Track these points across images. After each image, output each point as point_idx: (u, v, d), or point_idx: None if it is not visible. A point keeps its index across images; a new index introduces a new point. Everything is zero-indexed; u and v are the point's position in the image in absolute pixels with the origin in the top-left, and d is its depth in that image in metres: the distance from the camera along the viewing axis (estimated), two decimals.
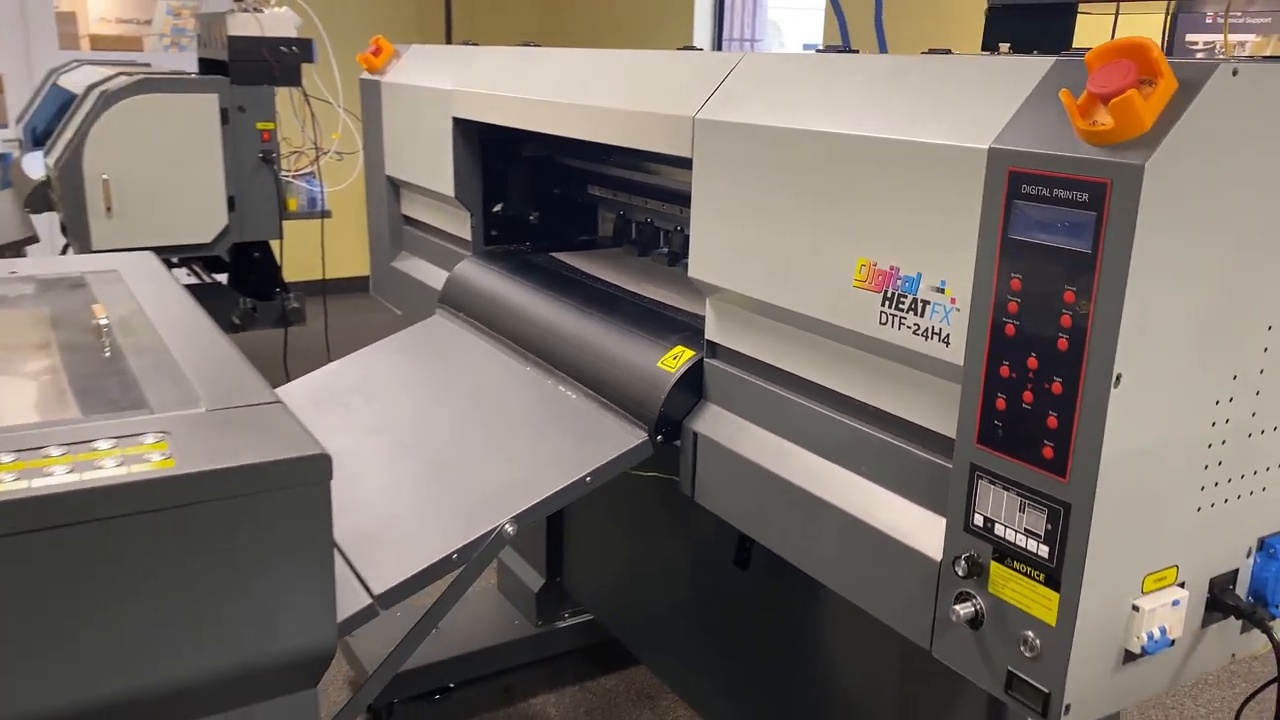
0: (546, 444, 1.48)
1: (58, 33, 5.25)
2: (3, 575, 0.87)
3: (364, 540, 1.36)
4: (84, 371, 1.21)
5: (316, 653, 1.05)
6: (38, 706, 0.91)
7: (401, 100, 2.19)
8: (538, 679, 2.44)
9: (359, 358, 1.90)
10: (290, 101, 3.06)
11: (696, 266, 1.35)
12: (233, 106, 2.82)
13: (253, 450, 0.98)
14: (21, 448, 0.96)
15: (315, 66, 3.01)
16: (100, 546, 0.90)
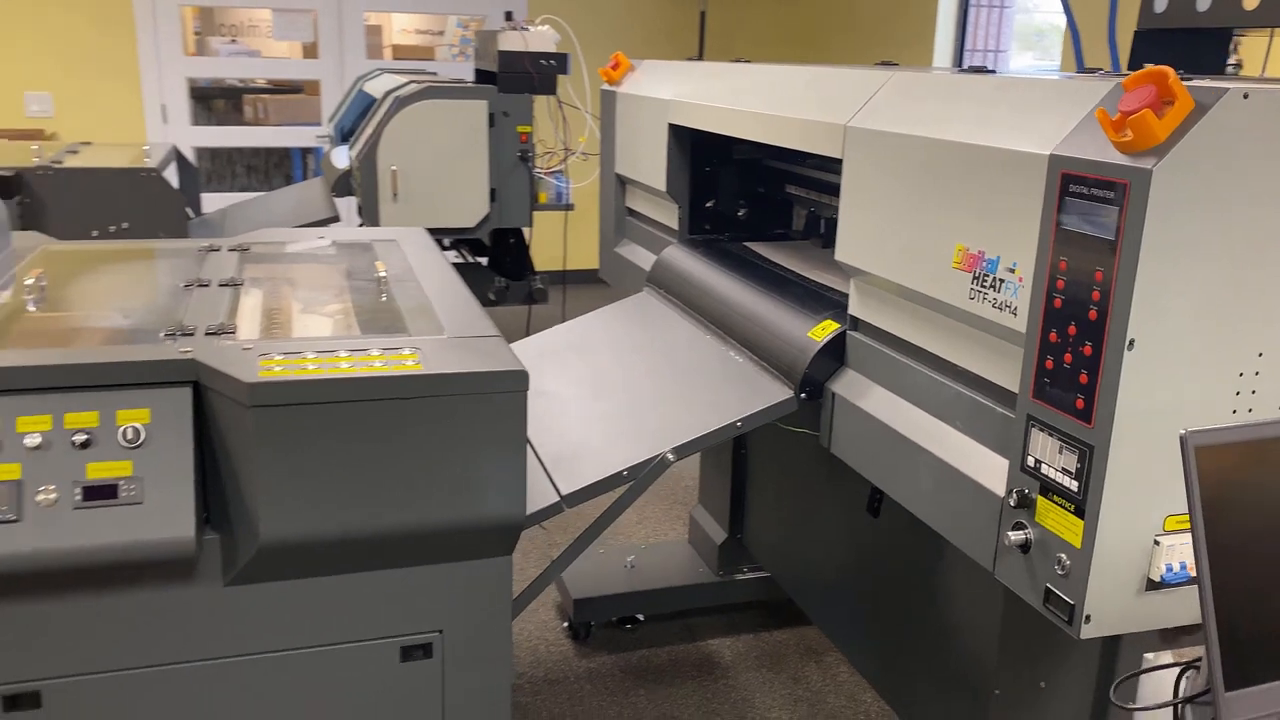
0: (710, 394, 1.78)
1: (365, 44, 6.07)
2: (300, 434, 1.27)
3: (559, 457, 1.71)
4: (366, 307, 1.63)
5: (510, 521, 1.39)
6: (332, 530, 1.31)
7: (631, 108, 2.55)
8: (717, 625, 2.73)
9: (578, 323, 2.27)
10: (546, 107, 3.52)
11: (842, 251, 1.60)
12: (498, 112, 3.29)
13: (473, 363, 1.34)
14: (320, 350, 1.36)
15: (569, 77, 3.44)
16: (368, 419, 1.29)
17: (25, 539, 1.21)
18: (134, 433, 1.26)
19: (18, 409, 1.23)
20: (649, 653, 2.61)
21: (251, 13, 9.21)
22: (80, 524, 1.22)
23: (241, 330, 1.46)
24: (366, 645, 1.43)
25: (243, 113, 7.40)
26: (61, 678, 1.32)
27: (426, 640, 1.46)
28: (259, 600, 1.36)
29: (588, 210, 4.39)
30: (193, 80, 5.92)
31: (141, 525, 1.24)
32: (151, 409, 1.27)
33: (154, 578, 1.31)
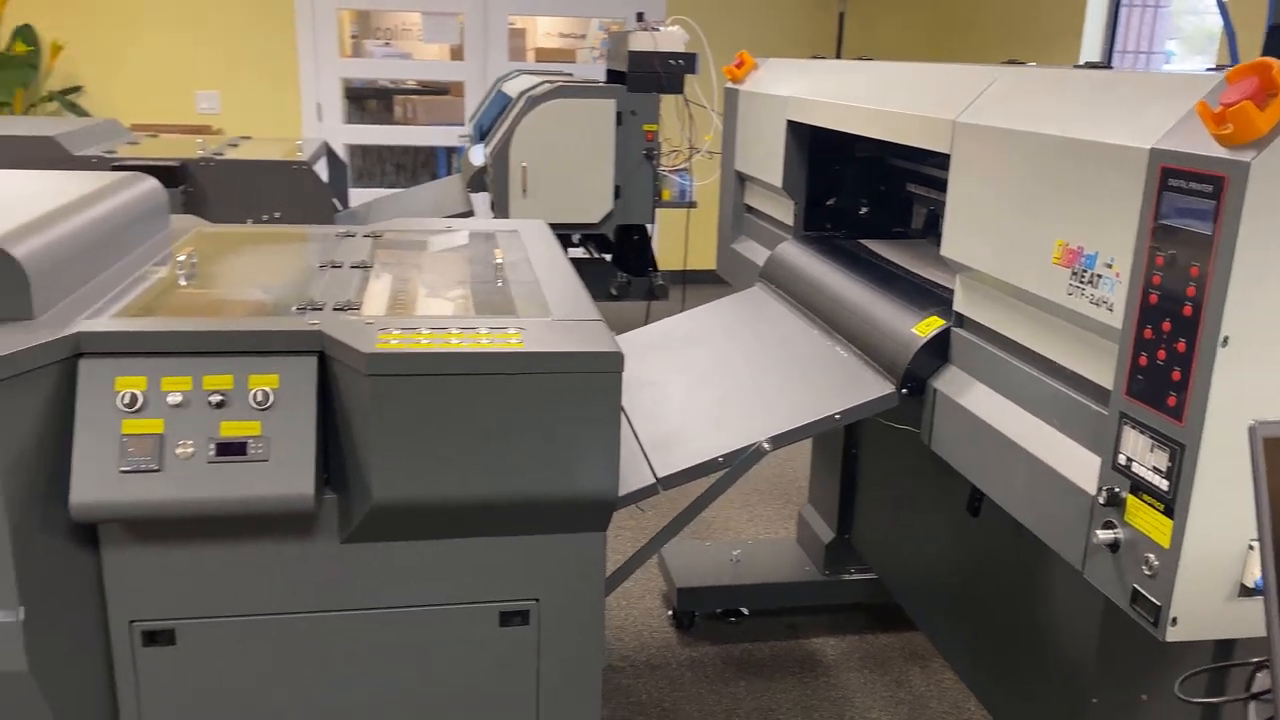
0: (812, 387, 1.79)
1: (509, 47, 6.27)
2: (411, 402, 1.35)
3: (658, 442, 1.76)
4: (482, 291, 1.72)
5: (602, 497, 1.45)
6: (438, 494, 1.39)
7: (751, 106, 2.58)
8: (821, 623, 2.73)
9: (687, 315, 2.32)
10: (674, 106, 3.57)
11: (948, 247, 1.60)
12: (626, 110, 3.37)
13: (572, 343, 1.40)
14: (433, 327, 1.45)
15: (697, 77, 3.49)
16: (473, 391, 1.37)
17: (164, 488, 1.33)
18: (264, 396, 1.37)
19: (163, 370, 1.36)
20: (751, 646, 2.63)
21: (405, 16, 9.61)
22: (212, 477, 1.34)
23: (366, 308, 1.56)
24: (468, 608, 1.51)
25: (393, 112, 7.74)
26: (194, 619, 1.44)
27: (523, 607, 1.53)
28: (372, 558, 1.46)
29: (711, 208, 4.44)
30: (347, 81, 6.24)
31: (267, 481, 1.35)
32: (280, 375, 1.39)
33: (277, 531, 1.42)
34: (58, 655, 1.37)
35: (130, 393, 1.34)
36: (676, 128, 3.57)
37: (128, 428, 1.33)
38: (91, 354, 1.35)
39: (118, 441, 1.33)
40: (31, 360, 1.29)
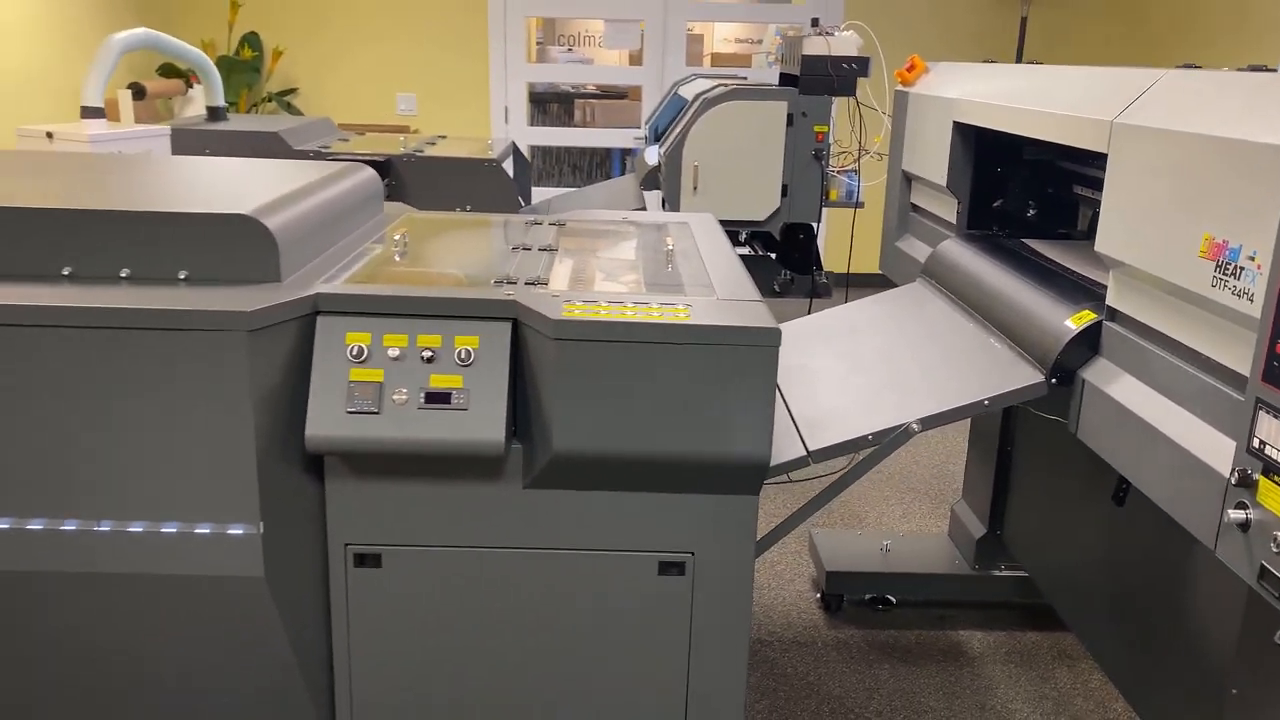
0: (963, 375, 1.88)
1: (686, 52, 6.46)
2: (591, 365, 1.53)
3: (812, 420, 1.89)
4: (653, 273, 1.89)
5: (755, 461, 1.59)
6: (610, 448, 1.57)
7: (920, 108, 2.66)
8: (969, 617, 2.78)
9: (848, 307, 2.43)
10: (845, 109, 3.66)
11: (1102, 243, 1.66)
12: (797, 112, 3.48)
13: (733, 318, 1.55)
14: (611, 301, 1.63)
15: (869, 80, 3.57)
16: (644, 357, 1.53)
17: (382, 428, 1.56)
18: (466, 354, 1.58)
19: (385, 329, 1.59)
20: (897, 633, 2.70)
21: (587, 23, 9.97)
22: (421, 421, 1.56)
23: (553, 283, 1.75)
24: (631, 555, 1.68)
25: (573, 115, 8.08)
26: (397, 545, 1.67)
27: (680, 559, 1.69)
28: (549, 504, 1.65)
29: (877, 210, 4.49)
30: (532, 85, 6.58)
31: (466, 427, 1.56)
32: (480, 337, 1.59)
33: (470, 474, 1.63)
34: (286, 567, 1.62)
35: (358, 346, 1.57)
36: (847, 129, 3.66)
37: (354, 375, 1.57)
38: (327, 312, 1.59)
39: (346, 387, 1.56)
40: (280, 315, 1.53)
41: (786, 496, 3.38)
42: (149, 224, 1.60)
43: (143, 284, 1.58)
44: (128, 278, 1.60)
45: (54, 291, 1.53)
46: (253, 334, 1.49)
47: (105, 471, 1.52)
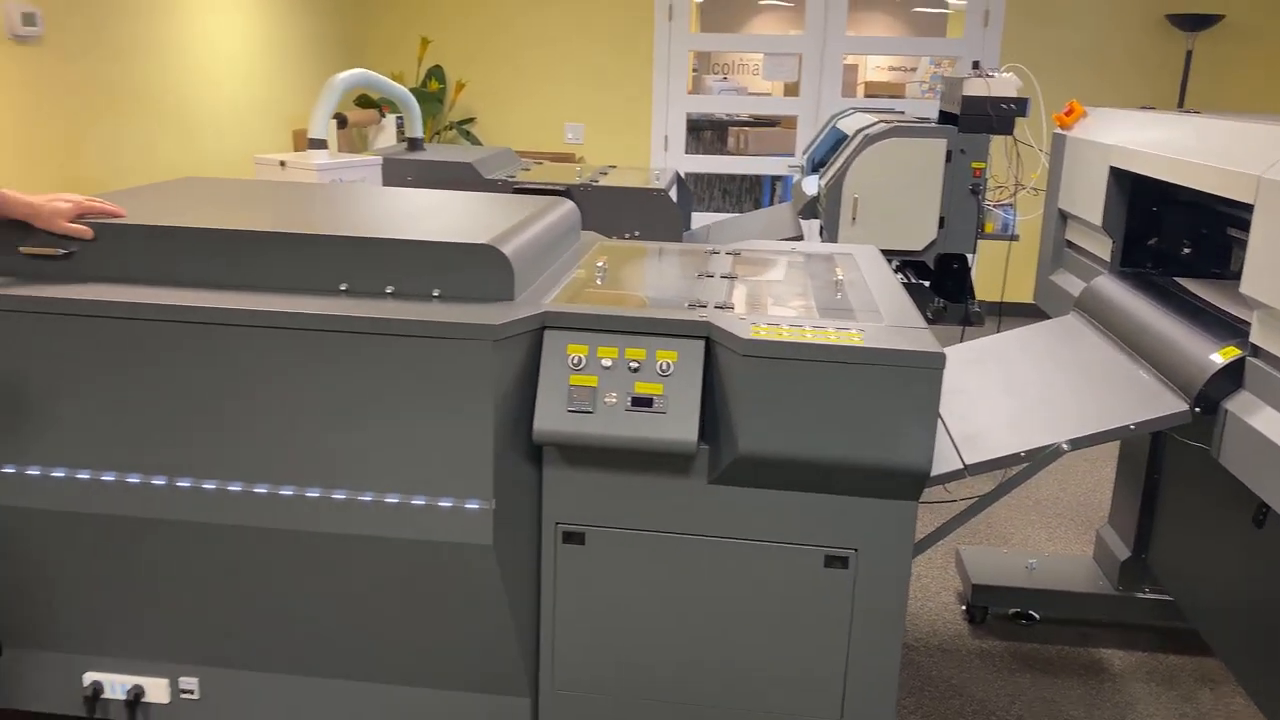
0: (1112, 401, 2.04)
1: (841, 82, 6.66)
2: (774, 379, 1.78)
3: (967, 437, 2.08)
4: (825, 300, 2.12)
5: (917, 470, 1.80)
6: (788, 451, 1.81)
7: (1077, 151, 2.81)
8: (1112, 636, 2.89)
9: (1001, 336, 2.60)
10: (1003, 145, 3.81)
11: (1247, 284, 1.81)
12: (955, 149, 3.66)
13: (902, 343, 1.78)
14: (792, 324, 1.88)
15: (1027, 119, 3.71)
16: (822, 374, 1.77)
17: (595, 426, 1.84)
18: (666, 366, 1.85)
19: (599, 342, 1.88)
20: (1040, 647, 2.84)
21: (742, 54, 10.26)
22: (627, 421, 1.84)
23: (736, 307, 2.01)
24: (800, 548, 1.92)
25: (726, 142, 8.36)
26: (599, 526, 1.96)
27: (844, 554, 1.92)
28: (731, 499, 1.90)
29: (1032, 242, 4.59)
30: (690, 115, 6.89)
31: (664, 428, 1.83)
32: (678, 352, 1.87)
33: (665, 468, 1.90)
34: (509, 539, 1.92)
35: (577, 356, 1.87)
36: (1004, 165, 3.80)
37: (573, 380, 1.86)
38: (553, 327, 1.89)
39: (566, 390, 1.86)
40: (517, 329, 1.84)
41: (932, 516, 3.54)
42: (411, 251, 1.94)
43: (404, 299, 1.92)
44: (392, 294, 1.95)
45: (334, 303, 1.88)
46: (496, 344, 1.80)
47: (369, 451, 1.86)
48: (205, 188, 2.54)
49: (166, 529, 1.95)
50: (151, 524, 1.94)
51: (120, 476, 1.92)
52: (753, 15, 10.32)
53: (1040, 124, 3.79)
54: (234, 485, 1.90)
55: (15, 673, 2.17)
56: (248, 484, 1.89)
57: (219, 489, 1.90)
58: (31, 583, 2.06)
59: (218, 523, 1.92)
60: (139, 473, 1.91)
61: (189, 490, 1.91)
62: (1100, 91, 6.12)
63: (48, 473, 1.93)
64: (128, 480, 1.92)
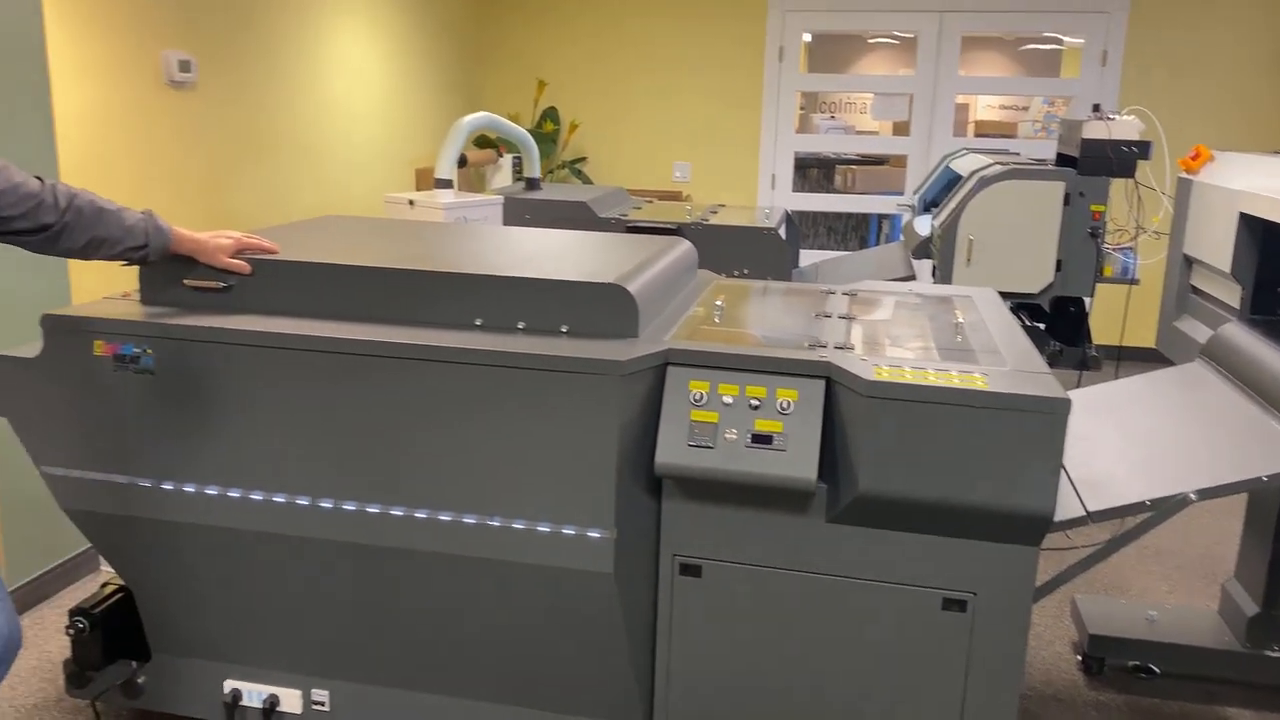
0: (1241, 452, 2.00)
1: (953, 121, 6.62)
2: (896, 420, 1.80)
3: (1089, 483, 2.06)
4: (945, 343, 2.14)
5: (1040, 514, 1.80)
6: (907, 492, 1.83)
7: (1204, 196, 2.76)
8: (1239, 695, 2.78)
9: (1125, 382, 2.56)
10: (1123, 188, 3.75)
11: None
12: (1074, 192, 3.62)
13: (1027, 388, 1.78)
14: (914, 366, 1.90)
15: (1148, 162, 3.65)
16: (945, 417, 1.78)
17: (715, 461, 1.89)
18: (786, 404, 1.90)
19: (720, 379, 1.94)
20: (1159, 702, 2.76)
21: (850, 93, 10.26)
22: (748, 457, 1.88)
23: (856, 348, 2.04)
24: (918, 590, 1.93)
25: (832, 180, 8.37)
26: (716, 560, 2.00)
27: (963, 598, 1.91)
28: (849, 538, 1.93)
29: (1152, 286, 4.47)
30: (797, 153, 6.93)
31: (784, 465, 1.87)
32: (798, 391, 1.90)
33: (783, 505, 1.94)
34: (628, 568, 1.98)
35: (699, 392, 1.92)
36: (1124, 208, 3.74)
37: (695, 416, 1.92)
38: (676, 364, 1.95)
39: (688, 425, 1.91)
40: (641, 365, 1.91)
41: (1049, 562, 3.47)
42: (542, 289, 2.03)
43: (535, 334, 2.01)
44: (523, 329, 2.04)
45: (469, 337, 1.98)
46: (621, 378, 1.87)
47: (498, 479, 1.94)
48: (345, 226, 2.69)
49: (307, 546, 2.06)
50: (294, 541, 2.06)
51: (267, 496, 2.04)
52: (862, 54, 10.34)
53: (1163, 166, 3.72)
54: (371, 507, 2.00)
55: (161, 678, 2.31)
56: (384, 506, 2.00)
57: (358, 510, 2.01)
58: (184, 593, 2.20)
59: (354, 542, 2.03)
60: (284, 493, 2.03)
61: (329, 511, 2.02)
62: (1224, 135, 5.95)
63: (202, 490, 2.07)
64: (274, 499, 2.04)
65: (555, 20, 6.84)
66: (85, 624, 2.20)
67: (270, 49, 4.45)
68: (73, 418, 2.08)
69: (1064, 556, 3.45)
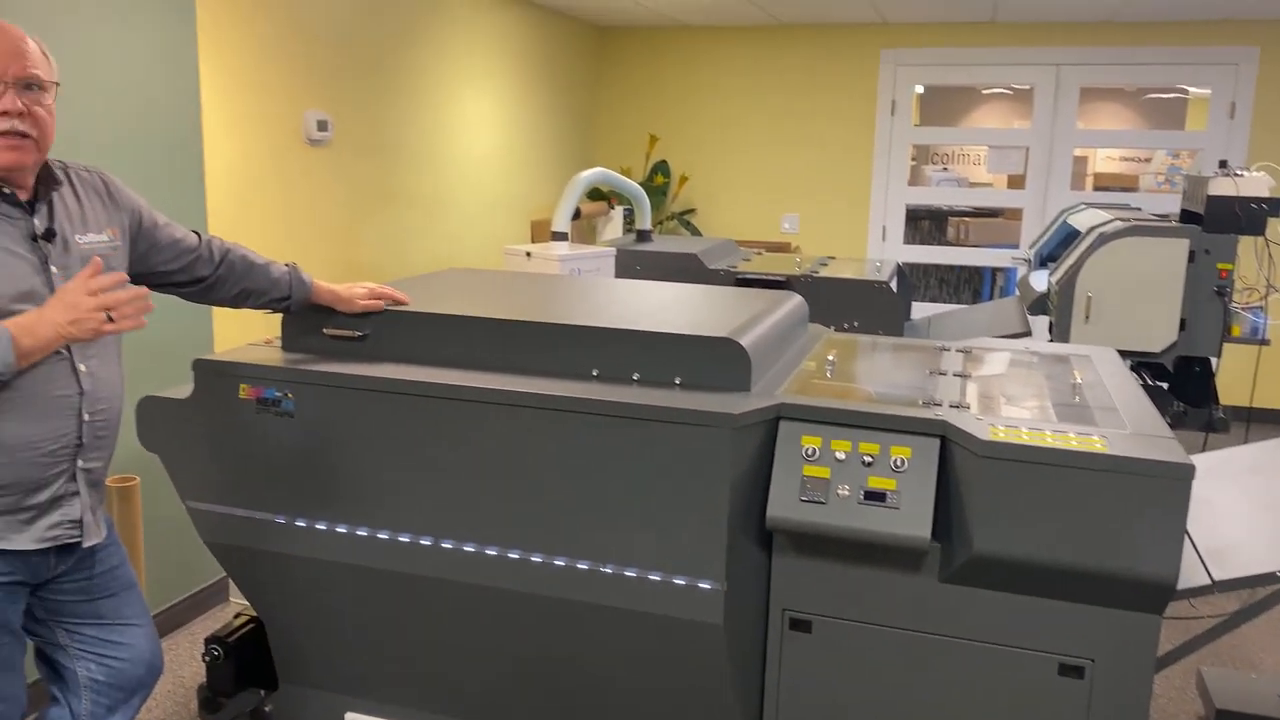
0: None
1: (1071, 174, 6.50)
2: (1012, 480, 1.78)
3: (1215, 551, 2.00)
4: (1062, 403, 2.11)
5: (1162, 582, 1.75)
6: (1024, 554, 1.81)
7: None
8: None
9: (1254, 446, 2.48)
10: (1253, 246, 3.64)
11: None
12: (1199, 249, 3.52)
13: (1148, 452, 1.75)
14: (1031, 427, 1.88)
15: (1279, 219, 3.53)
16: (1063, 481, 1.76)
17: (826, 516, 1.91)
18: (900, 462, 1.90)
19: (833, 435, 1.96)
20: None
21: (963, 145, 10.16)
22: (860, 514, 1.89)
23: (972, 407, 2.04)
24: (1033, 655, 1.89)
25: (945, 233, 8.28)
26: (827, 616, 2.00)
27: (1080, 664, 1.87)
28: (962, 599, 1.91)
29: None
30: (909, 205, 6.90)
31: (897, 523, 1.87)
32: (912, 449, 1.91)
33: (895, 563, 1.94)
34: (738, 620, 2.00)
35: (811, 447, 1.95)
36: (1253, 266, 3.62)
37: (806, 471, 1.94)
38: (788, 418, 1.98)
39: (800, 479, 1.94)
40: (754, 418, 1.94)
41: (1169, 631, 3.34)
42: (656, 342, 2.09)
43: (649, 386, 2.07)
44: (637, 380, 2.10)
45: (586, 387, 2.05)
46: (735, 431, 1.90)
47: (612, 526, 1.99)
48: (469, 279, 2.81)
49: (426, 585, 2.15)
50: (415, 579, 2.15)
51: (392, 535, 2.14)
52: (975, 106, 10.24)
53: None
54: (489, 549, 2.08)
55: (287, 707, 2.42)
56: (501, 549, 2.07)
57: (476, 551, 2.08)
58: (312, 626, 2.31)
59: (471, 582, 2.10)
60: (408, 532, 2.13)
61: (449, 551, 2.11)
62: None
63: (333, 527, 2.18)
64: (398, 538, 2.13)
65: (668, 78, 7.00)
66: (220, 651, 2.32)
67: (399, 109, 4.68)
68: (217, 455, 2.22)
69: (1189, 626, 3.31)
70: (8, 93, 1.71)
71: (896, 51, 6.55)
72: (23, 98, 1.73)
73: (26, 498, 1.80)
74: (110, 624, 2.00)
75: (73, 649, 1.98)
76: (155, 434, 2.27)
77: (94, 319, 1.67)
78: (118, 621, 2.01)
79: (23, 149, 1.74)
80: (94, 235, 1.89)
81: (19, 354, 1.68)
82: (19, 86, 1.72)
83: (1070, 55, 6.32)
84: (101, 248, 1.90)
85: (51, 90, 1.79)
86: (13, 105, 1.71)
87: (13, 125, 1.72)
